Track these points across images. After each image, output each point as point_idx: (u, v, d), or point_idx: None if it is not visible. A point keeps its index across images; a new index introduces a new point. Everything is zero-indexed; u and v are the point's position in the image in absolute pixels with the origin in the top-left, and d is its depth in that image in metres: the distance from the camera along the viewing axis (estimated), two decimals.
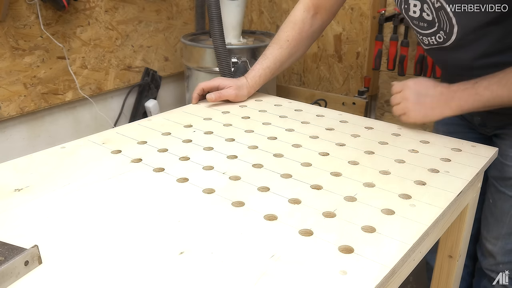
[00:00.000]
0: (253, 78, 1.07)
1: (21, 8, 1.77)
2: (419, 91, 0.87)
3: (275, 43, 1.08)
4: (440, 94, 0.85)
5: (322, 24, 1.09)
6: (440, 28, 0.87)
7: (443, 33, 0.87)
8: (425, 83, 0.87)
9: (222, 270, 0.49)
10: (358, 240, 0.55)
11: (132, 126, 0.93)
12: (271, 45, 1.08)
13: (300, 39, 1.07)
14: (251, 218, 0.60)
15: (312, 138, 0.88)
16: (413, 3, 0.90)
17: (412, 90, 0.87)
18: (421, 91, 0.87)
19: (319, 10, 1.07)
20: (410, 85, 0.88)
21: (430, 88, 0.86)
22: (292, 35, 1.06)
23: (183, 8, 2.44)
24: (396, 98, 0.89)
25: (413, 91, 0.87)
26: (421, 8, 0.88)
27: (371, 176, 0.72)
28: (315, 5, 1.07)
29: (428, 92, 0.86)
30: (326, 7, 1.06)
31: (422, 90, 0.87)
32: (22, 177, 0.70)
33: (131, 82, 2.29)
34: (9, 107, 1.83)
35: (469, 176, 0.73)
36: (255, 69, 1.07)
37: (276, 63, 1.07)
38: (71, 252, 0.52)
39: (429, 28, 0.90)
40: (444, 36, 0.87)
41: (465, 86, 0.84)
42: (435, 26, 0.88)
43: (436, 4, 0.83)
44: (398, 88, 0.89)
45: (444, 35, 0.87)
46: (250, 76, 1.07)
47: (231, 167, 0.74)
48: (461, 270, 0.94)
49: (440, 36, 0.89)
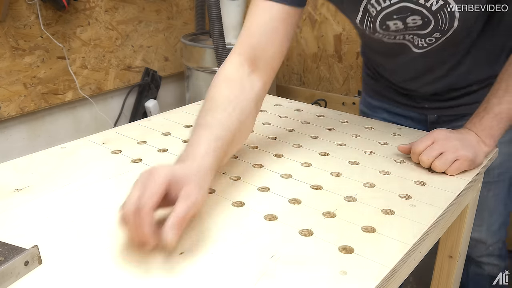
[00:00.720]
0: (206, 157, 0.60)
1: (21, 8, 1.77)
2: (450, 136, 0.76)
3: (212, 109, 0.67)
4: (464, 138, 0.76)
5: (263, 87, 0.75)
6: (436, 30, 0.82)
7: (438, 33, 0.84)
8: (444, 130, 0.78)
9: (222, 270, 0.49)
10: (358, 240, 0.55)
11: (132, 126, 0.93)
12: (206, 113, 0.67)
13: (245, 102, 0.71)
14: (251, 218, 0.60)
15: (312, 138, 0.88)
16: (393, 22, 0.81)
17: (444, 133, 0.76)
18: (452, 135, 0.76)
19: (257, 66, 0.75)
20: (438, 132, 0.77)
21: (453, 133, 0.77)
22: (234, 94, 0.70)
23: (183, 8, 2.44)
24: (433, 150, 0.74)
25: (448, 135, 0.76)
26: (404, 23, 0.81)
27: (371, 176, 0.72)
28: (251, 59, 0.74)
29: (457, 135, 0.77)
30: (266, 59, 0.75)
31: (452, 134, 0.76)
32: (22, 177, 0.70)
33: (131, 82, 2.29)
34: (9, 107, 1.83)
35: (469, 176, 0.73)
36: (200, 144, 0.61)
37: (227, 132, 0.65)
38: (71, 252, 0.52)
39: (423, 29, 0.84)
40: (439, 35, 0.83)
41: (478, 117, 0.78)
42: (429, 28, 0.82)
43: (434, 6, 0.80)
44: (428, 142, 0.75)
45: (439, 35, 0.84)
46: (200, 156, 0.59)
47: (231, 167, 0.74)
48: (461, 270, 0.94)
49: (431, 38, 0.84)
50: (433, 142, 0.75)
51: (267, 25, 0.75)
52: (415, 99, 1.02)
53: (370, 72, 1.10)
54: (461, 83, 0.95)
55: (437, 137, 0.75)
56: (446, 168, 0.72)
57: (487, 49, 0.89)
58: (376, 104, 1.11)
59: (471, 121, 0.80)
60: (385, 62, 1.01)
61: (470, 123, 0.79)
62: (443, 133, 0.76)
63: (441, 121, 1.01)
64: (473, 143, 0.76)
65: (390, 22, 0.81)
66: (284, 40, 0.76)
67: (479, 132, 0.77)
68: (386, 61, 1.01)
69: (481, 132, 0.77)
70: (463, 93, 0.96)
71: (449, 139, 0.75)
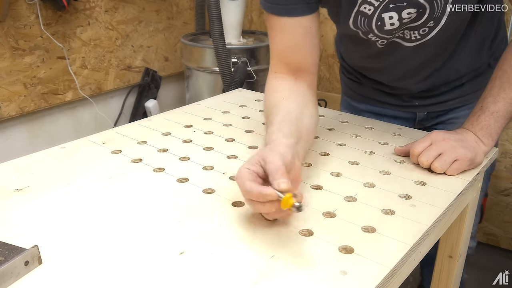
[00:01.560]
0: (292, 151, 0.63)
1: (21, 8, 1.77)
2: (449, 137, 0.75)
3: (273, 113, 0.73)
4: (463, 138, 0.76)
5: (308, 87, 0.80)
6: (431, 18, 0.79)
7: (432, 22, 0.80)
8: (442, 132, 0.77)
9: (222, 270, 0.49)
10: (358, 240, 0.55)
11: (132, 126, 0.93)
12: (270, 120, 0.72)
13: (297, 94, 0.77)
14: (251, 218, 0.59)
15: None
16: (388, 15, 0.78)
17: (442, 135, 0.76)
18: (450, 136, 0.75)
19: (296, 76, 0.79)
20: (435, 134, 0.76)
21: (451, 134, 0.76)
22: (284, 94, 0.76)
23: (183, 8, 2.44)
24: (432, 151, 0.73)
25: (446, 136, 0.75)
26: (399, 17, 0.78)
27: (371, 176, 0.72)
28: (289, 72, 0.79)
29: (455, 136, 0.76)
30: (302, 69, 0.79)
31: (450, 135, 0.76)
32: (22, 177, 0.70)
33: (131, 82, 2.29)
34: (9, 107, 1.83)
35: (469, 176, 0.73)
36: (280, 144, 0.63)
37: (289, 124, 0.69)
38: (71, 252, 0.52)
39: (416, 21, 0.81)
40: (432, 23, 0.80)
41: (475, 117, 0.78)
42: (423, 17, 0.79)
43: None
44: (426, 143, 0.75)
45: (432, 23, 0.81)
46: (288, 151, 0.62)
47: (231, 167, 0.74)
48: (461, 270, 0.94)
49: (424, 29, 0.82)
50: (431, 144, 0.75)
51: (290, 43, 0.79)
52: (403, 99, 1.01)
53: (352, 76, 1.08)
54: (452, 77, 0.95)
55: (435, 139, 0.75)
56: (445, 169, 0.72)
57: (475, 38, 0.90)
58: (361, 107, 1.09)
59: (468, 120, 0.79)
60: (373, 64, 0.98)
61: (468, 123, 0.79)
62: (441, 134, 0.76)
63: (429, 117, 1.01)
64: (472, 143, 0.76)
65: (386, 14, 0.79)
66: (312, 47, 0.80)
67: (477, 132, 0.77)
68: (374, 63, 0.98)
69: (479, 131, 0.77)
70: (453, 87, 0.96)
71: (447, 140, 0.74)
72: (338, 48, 1.11)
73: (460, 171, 0.73)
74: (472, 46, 0.91)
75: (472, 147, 0.75)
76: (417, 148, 0.75)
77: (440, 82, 0.96)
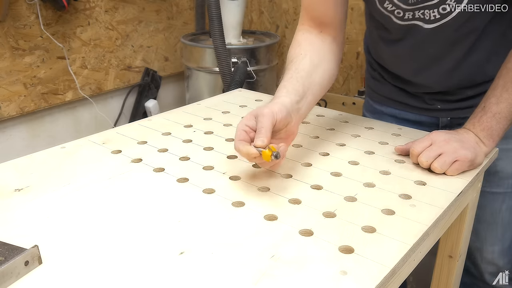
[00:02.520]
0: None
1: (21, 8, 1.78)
2: (449, 137, 0.75)
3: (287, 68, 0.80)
4: (463, 139, 0.75)
5: (333, 40, 0.85)
6: None
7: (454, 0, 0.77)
8: (443, 132, 0.77)
9: (222, 270, 0.49)
10: (358, 240, 0.55)
11: (132, 126, 0.93)
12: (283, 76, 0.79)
13: (316, 49, 0.82)
14: (251, 218, 0.60)
15: (313, 138, 0.88)
16: None
17: (442, 135, 0.75)
18: (450, 137, 0.75)
19: (322, 28, 0.85)
20: (436, 134, 0.76)
21: (452, 134, 0.76)
22: (305, 48, 0.82)
23: (183, 8, 2.44)
24: (432, 151, 0.73)
25: (446, 136, 0.75)
26: None
27: (371, 176, 0.72)
28: (315, 26, 0.85)
29: (455, 136, 0.76)
30: (328, 22, 0.85)
31: (451, 136, 0.75)
32: (22, 177, 0.70)
33: (131, 82, 2.29)
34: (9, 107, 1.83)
35: (469, 176, 0.73)
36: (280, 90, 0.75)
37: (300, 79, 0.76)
38: (71, 252, 0.52)
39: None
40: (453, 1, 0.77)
41: (476, 117, 0.77)
42: None
43: None
44: (426, 143, 0.75)
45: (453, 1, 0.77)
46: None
47: (231, 167, 0.74)
48: (461, 270, 0.94)
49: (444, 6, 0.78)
50: (432, 144, 0.74)
51: None
52: (425, 100, 0.97)
53: (374, 72, 1.05)
54: (478, 78, 0.89)
55: (436, 139, 0.75)
56: (445, 170, 0.72)
57: (504, 32, 0.84)
58: (382, 110, 1.06)
59: (470, 121, 0.79)
60: (393, 50, 0.94)
61: (469, 123, 0.79)
62: (442, 134, 0.76)
63: (454, 124, 0.96)
64: (472, 144, 0.75)
65: None
66: (337, 1, 0.84)
67: (478, 133, 0.77)
68: (394, 49, 0.94)
69: (480, 132, 0.77)
70: (479, 92, 0.89)
71: (447, 141, 0.74)
72: (366, 42, 1.10)
73: (460, 172, 0.73)
74: (501, 41, 0.84)
75: (472, 147, 0.74)
76: (417, 148, 0.75)
77: (464, 82, 0.90)
